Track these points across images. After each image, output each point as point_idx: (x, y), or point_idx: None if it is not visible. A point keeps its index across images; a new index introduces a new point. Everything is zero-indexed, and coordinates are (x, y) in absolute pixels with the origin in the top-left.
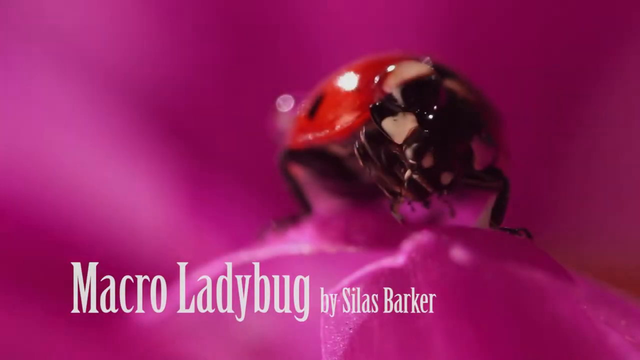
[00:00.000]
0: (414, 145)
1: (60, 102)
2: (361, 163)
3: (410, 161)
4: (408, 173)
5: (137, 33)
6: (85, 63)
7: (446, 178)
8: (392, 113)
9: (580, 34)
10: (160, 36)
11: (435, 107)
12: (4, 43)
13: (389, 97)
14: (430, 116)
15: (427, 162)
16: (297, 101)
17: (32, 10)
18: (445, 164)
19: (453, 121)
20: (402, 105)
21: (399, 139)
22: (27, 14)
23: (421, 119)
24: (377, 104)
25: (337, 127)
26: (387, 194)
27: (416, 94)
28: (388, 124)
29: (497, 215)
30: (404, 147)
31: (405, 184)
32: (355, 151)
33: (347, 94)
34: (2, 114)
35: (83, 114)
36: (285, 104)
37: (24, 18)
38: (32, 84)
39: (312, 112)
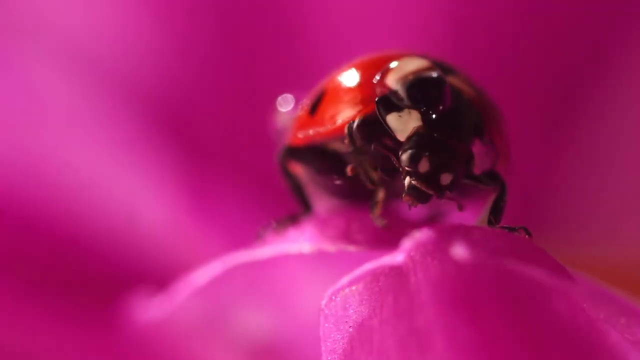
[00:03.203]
0: (413, 150)
1: (62, 102)
2: (350, 147)
3: (407, 168)
4: (407, 180)
5: (137, 34)
6: (87, 64)
7: (446, 179)
8: (397, 109)
9: (581, 33)
10: (160, 37)
11: (440, 107)
12: (8, 45)
13: (394, 93)
14: (435, 116)
15: (424, 166)
16: (298, 100)
17: (35, 12)
18: (445, 165)
19: (457, 123)
20: (408, 102)
21: (402, 135)
22: (31, 16)
23: (426, 118)
24: (383, 98)
25: (339, 122)
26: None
27: (423, 92)
28: (392, 120)
29: (495, 214)
30: (404, 147)
31: (405, 190)
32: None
33: (349, 89)
34: (6, 114)
35: (84, 114)
36: (286, 103)
37: (28, 20)
38: (36, 84)
39: (314, 108)
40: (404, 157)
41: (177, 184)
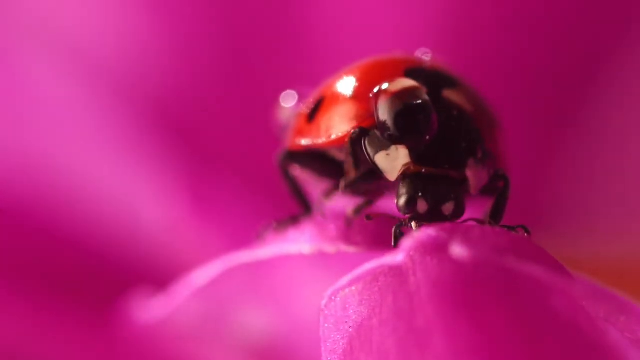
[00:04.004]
0: (407, 196)
1: (63, 103)
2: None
3: (407, 214)
4: (413, 224)
5: (139, 33)
6: (88, 63)
7: (448, 208)
8: (384, 147)
9: (581, 33)
10: (162, 36)
11: (427, 137)
12: (8, 46)
13: (382, 125)
14: (423, 148)
15: (423, 206)
16: (301, 97)
17: (36, 12)
18: (443, 197)
19: (447, 151)
20: (394, 135)
21: (392, 176)
22: (32, 16)
23: (413, 152)
24: (369, 137)
25: (333, 136)
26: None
27: (408, 124)
28: (380, 160)
29: (496, 214)
30: (397, 192)
31: (415, 229)
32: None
33: (344, 102)
34: (6, 115)
35: (85, 114)
36: (289, 99)
37: (29, 20)
38: (36, 85)
39: (312, 115)
40: (400, 204)
41: (177, 184)
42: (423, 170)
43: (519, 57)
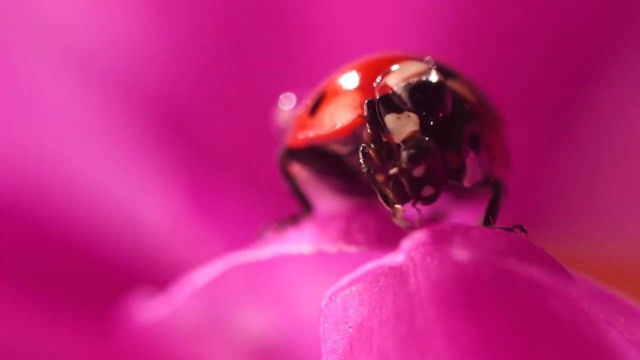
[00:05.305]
0: (411, 151)
1: (62, 103)
2: (362, 164)
3: (403, 165)
4: (395, 171)
5: (139, 34)
6: (88, 65)
7: (428, 191)
8: (397, 110)
9: (580, 34)
10: (161, 38)
11: (440, 114)
12: (9, 46)
13: (395, 95)
14: (434, 122)
15: (418, 172)
16: (299, 99)
17: (37, 12)
18: (432, 179)
19: (453, 133)
20: (409, 106)
21: (397, 137)
22: (31, 16)
23: (424, 123)
24: (384, 97)
25: (338, 125)
26: (381, 198)
27: (425, 97)
28: (390, 120)
29: (491, 215)
30: (400, 148)
31: (390, 183)
32: (360, 152)
33: (349, 92)
34: (5, 115)
35: (85, 115)
36: (288, 101)
37: (29, 20)
38: (36, 86)
39: (314, 109)
40: (402, 155)
41: (177, 184)
42: (429, 142)
43: (519, 57)
